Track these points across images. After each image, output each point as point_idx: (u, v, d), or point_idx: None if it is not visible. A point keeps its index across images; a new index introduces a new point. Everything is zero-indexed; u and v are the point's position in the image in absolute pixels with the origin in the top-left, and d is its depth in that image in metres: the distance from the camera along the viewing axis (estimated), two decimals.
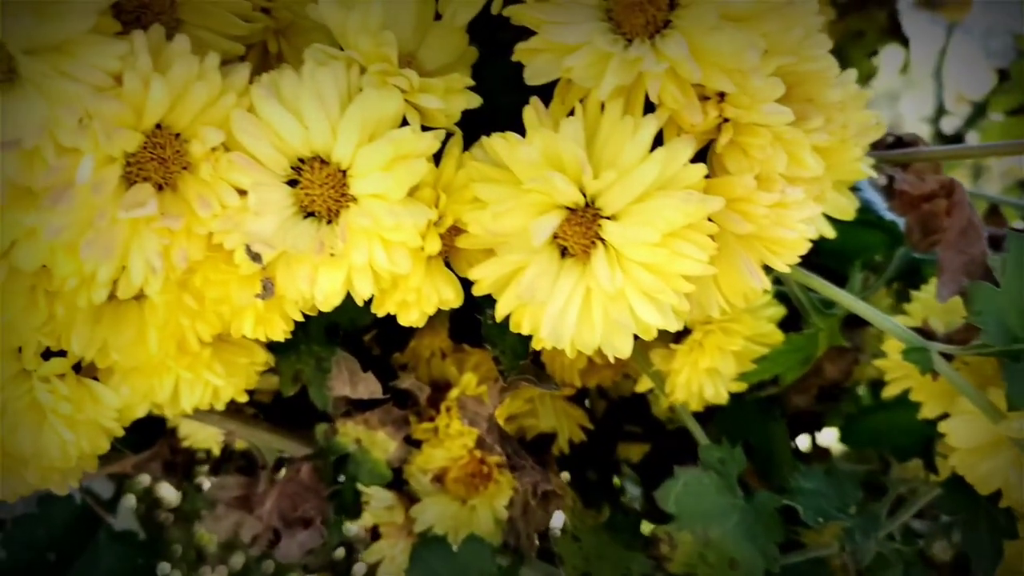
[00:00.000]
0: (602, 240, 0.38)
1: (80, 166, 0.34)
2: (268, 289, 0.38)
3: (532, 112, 0.38)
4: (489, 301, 0.41)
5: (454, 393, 0.57)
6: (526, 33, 0.40)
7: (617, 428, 0.72)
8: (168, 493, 0.93)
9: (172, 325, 0.43)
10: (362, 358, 0.54)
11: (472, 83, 0.40)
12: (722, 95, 0.39)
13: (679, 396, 0.55)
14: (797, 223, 0.40)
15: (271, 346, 0.50)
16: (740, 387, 0.57)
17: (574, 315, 0.39)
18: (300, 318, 0.42)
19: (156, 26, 0.35)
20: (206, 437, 0.63)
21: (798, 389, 0.64)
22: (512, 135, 0.37)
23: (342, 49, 0.39)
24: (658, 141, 0.37)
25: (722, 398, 0.55)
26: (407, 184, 0.36)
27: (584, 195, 0.37)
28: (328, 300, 0.38)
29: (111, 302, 0.42)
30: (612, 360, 0.40)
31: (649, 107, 0.38)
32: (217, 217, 0.37)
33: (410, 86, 0.37)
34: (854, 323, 0.57)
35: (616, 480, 0.85)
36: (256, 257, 0.36)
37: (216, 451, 0.66)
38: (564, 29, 0.37)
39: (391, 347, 0.61)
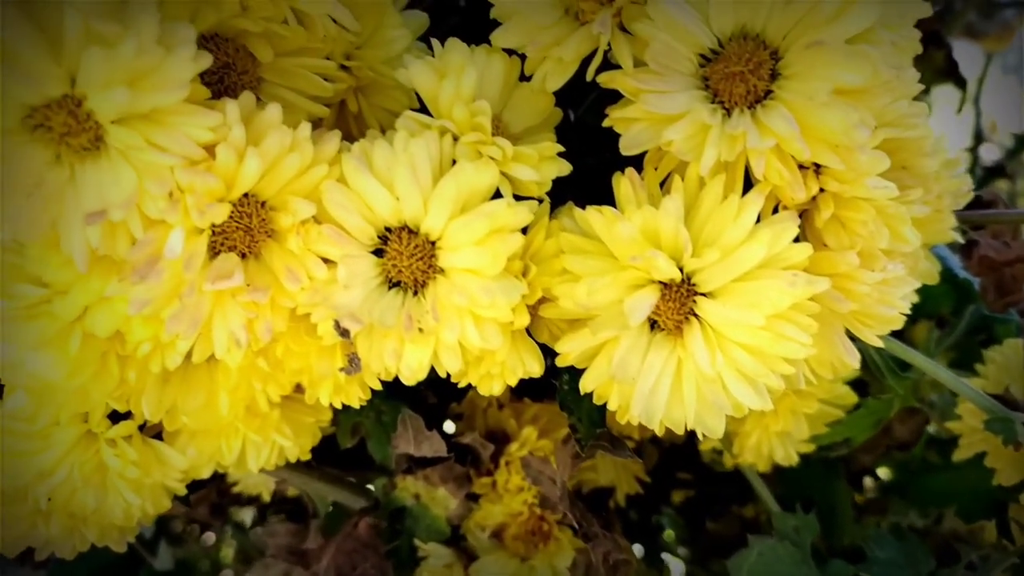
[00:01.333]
0: (695, 315, 0.37)
1: (170, 240, 0.33)
2: (354, 364, 0.37)
3: (627, 185, 0.37)
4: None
5: (514, 448, 0.56)
6: (610, 94, 0.39)
7: (670, 477, 0.71)
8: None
9: (244, 388, 0.42)
10: (418, 407, 0.53)
11: (562, 149, 0.39)
12: (818, 166, 0.38)
13: (748, 458, 0.53)
14: (899, 300, 0.39)
15: None
16: (809, 448, 0.55)
17: (665, 393, 0.37)
18: (379, 387, 0.41)
19: (247, 93, 0.34)
20: (257, 483, 0.62)
21: (865, 448, 0.62)
22: (609, 210, 0.36)
23: (430, 113, 0.38)
24: None
25: (792, 460, 0.54)
26: (503, 260, 0.35)
27: (680, 270, 0.36)
28: (414, 375, 0.37)
29: (181, 365, 0.40)
30: None
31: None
32: (304, 290, 0.35)
33: (504, 156, 0.36)
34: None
35: (655, 518, 0.84)
36: (345, 333, 0.35)
37: (266, 496, 0.65)
38: (662, 99, 0.36)
39: (448, 396, 0.60)
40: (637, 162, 0.40)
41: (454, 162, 0.36)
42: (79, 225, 0.33)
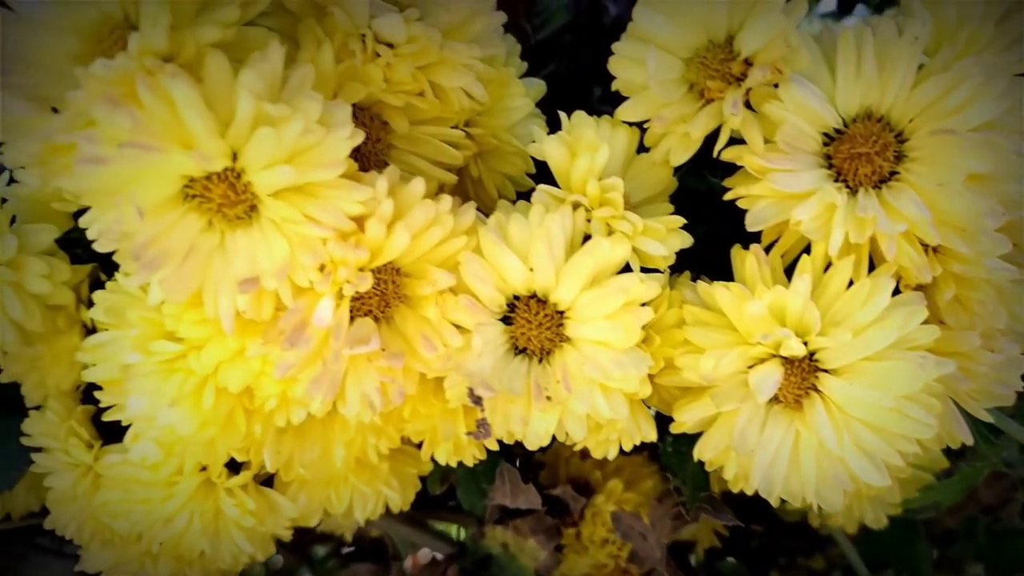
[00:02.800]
0: (816, 390, 0.37)
1: (319, 309, 0.34)
2: (484, 430, 0.38)
3: (753, 262, 0.38)
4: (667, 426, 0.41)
5: (600, 500, 0.57)
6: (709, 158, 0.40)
7: (746, 530, 0.71)
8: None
9: (359, 441, 0.43)
10: (507, 457, 0.54)
11: (685, 222, 0.39)
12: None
13: (837, 520, 0.53)
14: (1014, 379, 0.39)
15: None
16: (898, 511, 0.55)
17: (784, 466, 0.38)
18: (496, 448, 0.42)
19: (393, 168, 0.35)
20: (341, 523, 0.63)
21: (951, 511, 0.62)
22: (737, 288, 0.37)
23: (549, 178, 0.40)
24: None
25: (881, 523, 0.54)
26: (636, 333, 0.35)
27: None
28: (539, 441, 0.38)
29: None
30: None
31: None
32: (438, 356, 0.36)
33: (634, 230, 0.37)
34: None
35: (719, 564, 0.84)
36: (477, 401, 0.36)
37: (348, 537, 0.66)
38: (789, 177, 0.37)
39: None
40: (738, 229, 0.41)
41: (587, 237, 0.37)
42: (227, 289, 0.34)
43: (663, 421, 0.42)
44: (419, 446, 0.45)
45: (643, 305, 0.36)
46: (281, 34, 0.36)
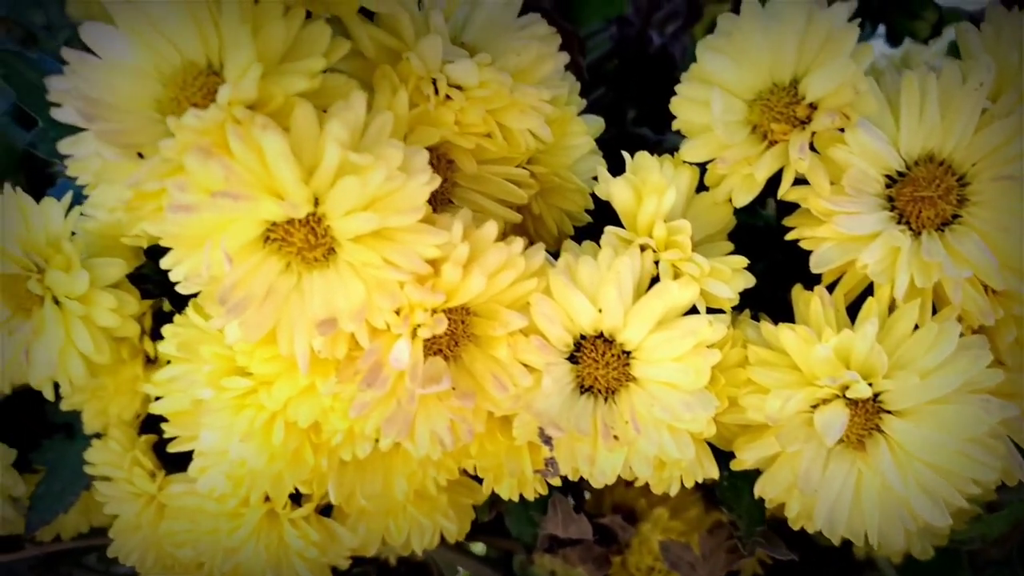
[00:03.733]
0: (879, 430, 0.38)
1: (396, 351, 0.35)
2: (552, 468, 0.38)
3: (817, 304, 0.38)
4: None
5: (646, 528, 0.57)
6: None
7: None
8: None
9: (420, 474, 0.44)
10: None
11: (747, 262, 0.40)
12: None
13: (884, 551, 0.54)
14: None
15: None
16: (943, 542, 0.55)
17: (847, 506, 0.38)
18: (559, 484, 0.42)
19: (466, 211, 0.36)
20: (387, 548, 0.64)
21: (997, 542, 0.62)
22: (803, 331, 0.37)
23: (612, 216, 0.40)
24: None
25: (928, 554, 0.54)
26: (706, 375, 0.36)
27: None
28: (605, 479, 0.38)
29: None
30: None
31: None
32: (508, 396, 0.37)
33: (701, 272, 0.37)
34: None
35: None
36: (548, 441, 0.37)
37: (392, 561, 0.66)
38: (853, 220, 0.38)
39: None
40: (794, 264, 0.42)
41: (654, 280, 0.37)
42: (303, 329, 0.35)
43: (719, 456, 0.42)
44: (475, 477, 0.46)
45: (710, 347, 0.37)
46: (356, 77, 0.37)
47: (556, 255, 0.39)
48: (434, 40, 0.37)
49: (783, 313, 0.42)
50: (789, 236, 0.40)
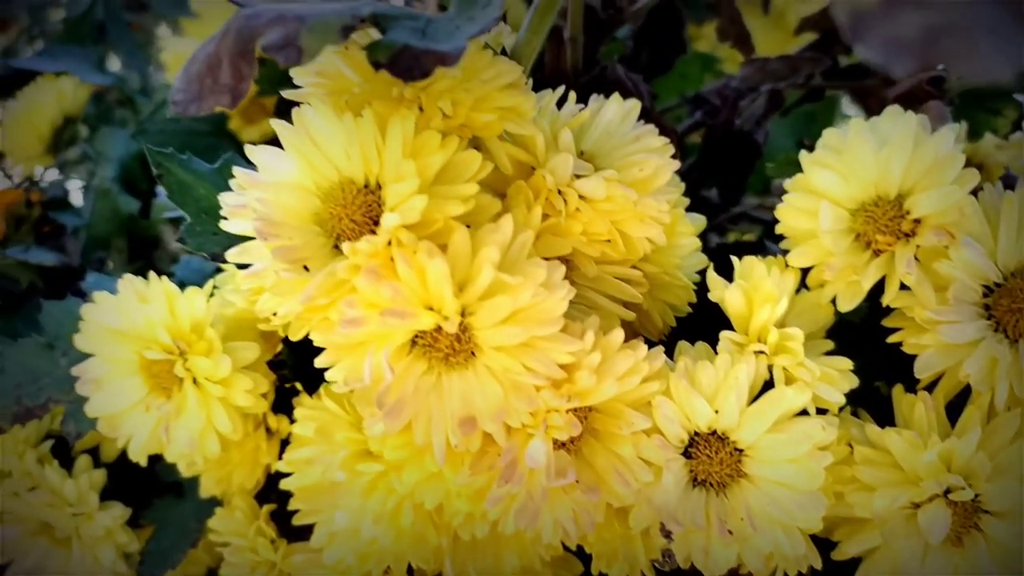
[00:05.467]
0: (979, 529, 0.40)
1: (532, 450, 0.37)
2: (669, 559, 0.41)
3: (921, 409, 0.40)
4: None
5: None
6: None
7: None
8: None
9: (529, 551, 0.46)
10: None
11: (852, 364, 0.42)
12: None
13: None
14: None
15: None
16: None
17: None
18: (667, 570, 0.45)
19: (595, 318, 0.39)
20: None
21: None
22: (910, 436, 0.39)
23: (716, 312, 0.43)
24: None
25: None
26: (819, 477, 0.38)
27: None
28: (718, 571, 0.40)
29: None
30: None
31: None
32: (630, 490, 0.40)
33: (812, 377, 0.40)
34: None
35: None
36: (668, 535, 0.39)
37: None
38: (954, 329, 0.40)
39: None
40: (890, 361, 0.44)
41: (769, 384, 0.40)
42: (440, 424, 0.38)
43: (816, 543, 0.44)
44: (569, 549, 0.48)
45: (827, 452, 0.39)
46: (488, 186, 0.40)
47: (651, 343, 0.41)
48: (565, 158, 0.40)
49: (876, 404, 0.45)
50: (891, 339, 0.43)
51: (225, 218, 0.41)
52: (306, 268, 0.36)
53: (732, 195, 0.73)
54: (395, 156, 0.35)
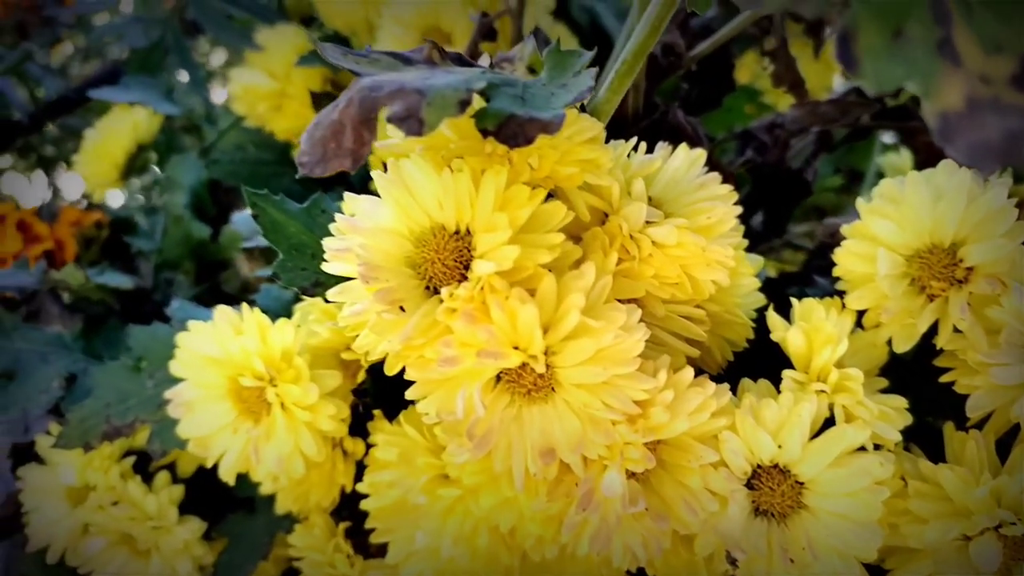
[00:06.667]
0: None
1: (608, 481, 0.40)
2: None
3: (973, 445, 0.43)
4: None
5: None
6: None
7: None
8: None
9: (593, 573, 0.49)
10: None
11: (907, 403, 0.45)
12: None
13: None
14: None
15: None
16: None
17: None
18: None
19: (666, 358, 0.42)
20: None
21: None
22: (961, 472, 0.42)
23: (792, 366, 0.45)
24: None
25: None
26: (877, 510, 0.41)
27: None
28: None
29: None
30: None
31: None
32: (697, 518, 0.42)
33: (871, 415, 0.42)
34: None
35: None
36: (733, 562, 0.42)
37: None
38: (1004, 371, 0.42)
39: None
40: (941, 397, 0.46)
41: (829, 421, 0.42)
42: (520, 453, 0.41)
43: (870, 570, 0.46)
44: (630, 572, 0.51)
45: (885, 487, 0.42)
46: (567, 234, 0.43)
47: (717, 379, 0.44)
48: (639, 207, 0.43)
49: (926, 439, 0.47)
50: (944, 378, 0.45)
51: (316, 256, 0.44)
52: (402, 308, 0.39)
53: (778, 226, 0.76)
54: (487, 208, 0.38)
